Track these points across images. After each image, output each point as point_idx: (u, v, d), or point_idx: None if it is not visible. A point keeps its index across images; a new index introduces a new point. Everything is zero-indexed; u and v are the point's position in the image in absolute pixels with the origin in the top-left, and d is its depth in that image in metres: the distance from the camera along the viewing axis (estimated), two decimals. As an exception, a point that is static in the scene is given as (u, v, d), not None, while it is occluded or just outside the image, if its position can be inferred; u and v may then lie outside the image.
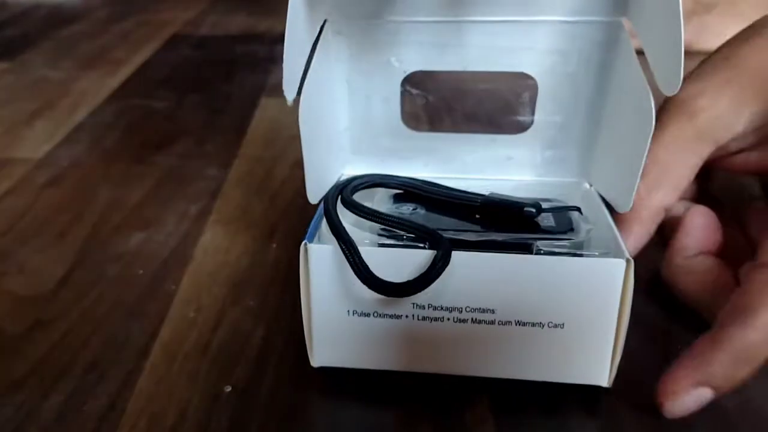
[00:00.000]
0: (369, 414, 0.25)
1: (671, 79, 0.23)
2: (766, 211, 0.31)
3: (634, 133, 0.26)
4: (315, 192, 0.28)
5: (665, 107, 0.30)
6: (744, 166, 0.31)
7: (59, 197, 0.41)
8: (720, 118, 0.29)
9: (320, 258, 0.25)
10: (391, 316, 0.25)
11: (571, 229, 0.26)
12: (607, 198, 0.29)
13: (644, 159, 0.26)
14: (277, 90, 0.33)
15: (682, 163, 0.30)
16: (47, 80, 0.63)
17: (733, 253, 0.29)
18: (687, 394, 0.24)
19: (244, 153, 0.47)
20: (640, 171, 0.26)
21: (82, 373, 0.27)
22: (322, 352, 0.27)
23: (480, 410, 0.25)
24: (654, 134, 0.25)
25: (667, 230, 0.31)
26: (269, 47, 0.72)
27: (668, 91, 0.23)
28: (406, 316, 0.25)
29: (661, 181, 0.29)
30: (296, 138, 0.26)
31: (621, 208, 0.28)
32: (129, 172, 0.45)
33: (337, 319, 0.26)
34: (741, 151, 0.31)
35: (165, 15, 0.87)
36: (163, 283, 0.33)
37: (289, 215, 0.39)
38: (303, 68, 0.26)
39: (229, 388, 0.27)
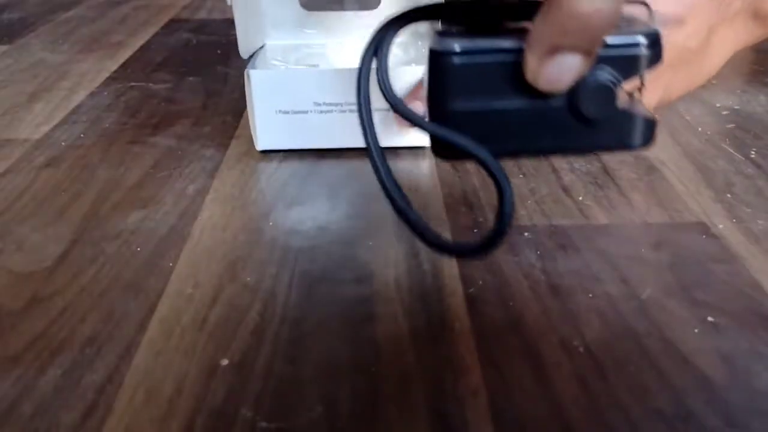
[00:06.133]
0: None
1: None
2: None
3: None
4: (245, 48, 0.45)
5: None
6: None
7: (57, 177, 0.42)
8: None
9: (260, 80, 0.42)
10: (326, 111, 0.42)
11: None
12: None
13: None
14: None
15: None
16: (46, 63, 0.63)
17: None
18: (544, 68, 0.23)
19: (241, 134, 0.47)
20: None
21: (80, 348, 0.28)
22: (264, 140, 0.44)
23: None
24: None
25: None
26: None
27: None
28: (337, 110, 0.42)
29: None
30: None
31: None
32: (127, 153, 0.45)
33: (273, 117, 0.42)
34: None
35: (163, -1, 0.87)
36: (161, 260, 0.33)
37: (285, 194, 0.39)
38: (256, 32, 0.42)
39: (225, 362, 0.27)
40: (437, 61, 0.24)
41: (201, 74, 0.59)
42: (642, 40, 0.24)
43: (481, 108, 0.24)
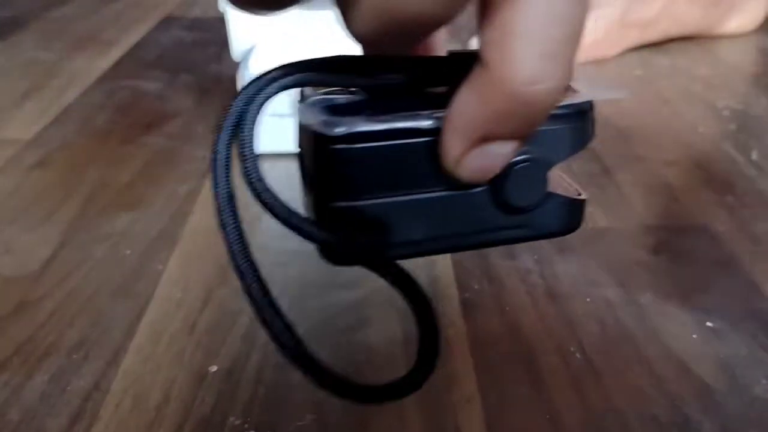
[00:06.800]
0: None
1: None
2: None
3: None
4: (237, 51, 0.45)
5: None
6: None
7: (48, 178, 0.41)
8: None
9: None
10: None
11: None
12: None
13: None
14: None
15: None
16: (38, 61, 0.62)
17: None
18: (468, 157, 0.18)
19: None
20: None
21: (67, 353, 0.27)
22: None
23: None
24: None
25: None
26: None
27: None
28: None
29: None
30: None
31: None
32: (118, 153, 0.44)
33: (266, 120, 0.37)
34: None
35: (157, -4, 0.86)
36: (151, 263, 0.33)
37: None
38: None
39: (214, 368, 0.26)
40: (317, 145, 0.18)
41: (194, 73, 0.59)
42: (574, 112, 0.20)
43: (380, 202, 0.19)
